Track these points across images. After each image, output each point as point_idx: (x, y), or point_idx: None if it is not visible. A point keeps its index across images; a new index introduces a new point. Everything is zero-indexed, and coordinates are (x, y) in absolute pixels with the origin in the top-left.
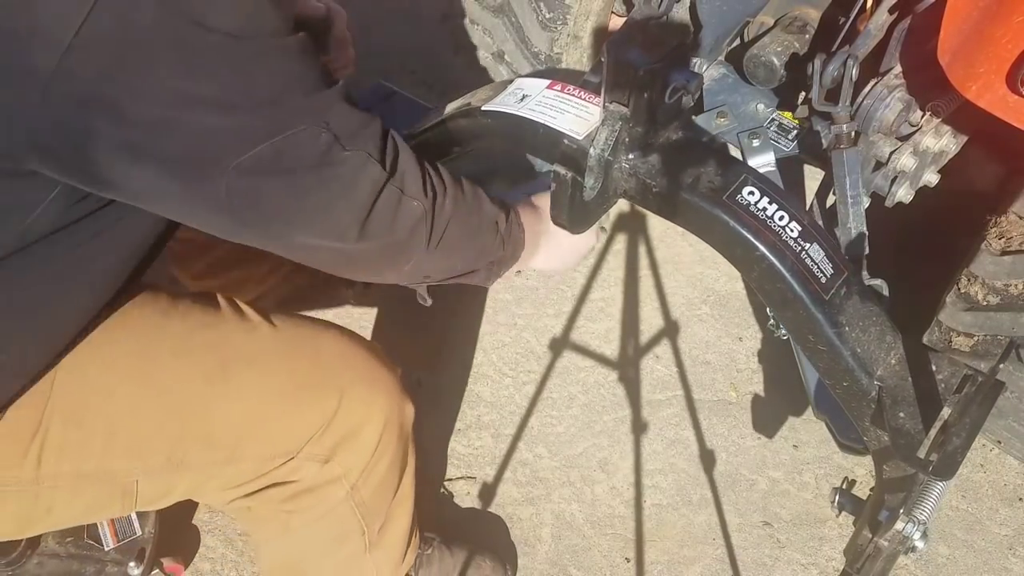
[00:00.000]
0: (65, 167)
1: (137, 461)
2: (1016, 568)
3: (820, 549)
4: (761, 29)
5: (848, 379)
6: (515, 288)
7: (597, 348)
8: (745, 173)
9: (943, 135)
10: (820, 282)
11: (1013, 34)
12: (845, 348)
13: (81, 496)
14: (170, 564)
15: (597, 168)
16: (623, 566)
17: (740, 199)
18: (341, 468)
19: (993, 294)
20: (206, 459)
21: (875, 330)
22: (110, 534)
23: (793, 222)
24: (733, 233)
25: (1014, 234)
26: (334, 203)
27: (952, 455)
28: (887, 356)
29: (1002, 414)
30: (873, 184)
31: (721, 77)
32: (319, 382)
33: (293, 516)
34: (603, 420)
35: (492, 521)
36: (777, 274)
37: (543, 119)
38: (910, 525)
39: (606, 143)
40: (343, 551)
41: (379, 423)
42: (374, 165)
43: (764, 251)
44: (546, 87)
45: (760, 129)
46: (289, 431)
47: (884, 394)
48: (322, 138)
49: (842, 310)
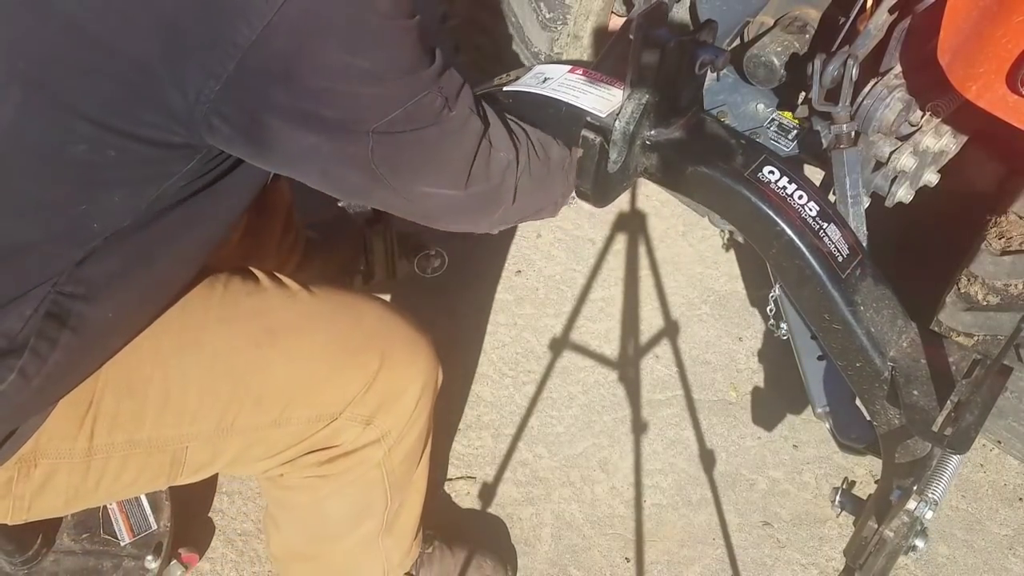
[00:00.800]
0: (234, 133)
1: (189, 427)
2: (1016, 568)
3: (820, 549)
4: (761, 29)
5: (861, 359)
6: (515, 288)
7: (597, 348)
8: (766, 153)
9: (943, 135)
10: (837, 261)
11: (1013, 34)
12: (860, 327)
13: (131, 467)
14: (186, 554)
15: (621, 141)
16: (623, 566)
17: (762, 176)
18: (380, 430)
19: (993, 294)
20: (255, 422)
21: (888, 312)
22: (125, 529)
23: (812, 202)
24: (755, 209)
25: (1014, 234)
26: (450, 153)
27: (966, 430)
28: (899, 338)
29: (1002, 414)
30: (873, 184)
31: (721, 77)
32: (361, 344)
33: (326, 482)
34: (603, 420)
35: (492, 521)
36: (796, 251)
37: (567, 98)
38: (922, 504)
39: (632, 116)
40: (361, 529)
41: (418, 385)
42: (475, 119)
43: (784, 227)
44: (568, 71)
45: (760, 129)
46: (334, 392)
47: (897, 373)
48: (438, 101)
49: (857, 290)
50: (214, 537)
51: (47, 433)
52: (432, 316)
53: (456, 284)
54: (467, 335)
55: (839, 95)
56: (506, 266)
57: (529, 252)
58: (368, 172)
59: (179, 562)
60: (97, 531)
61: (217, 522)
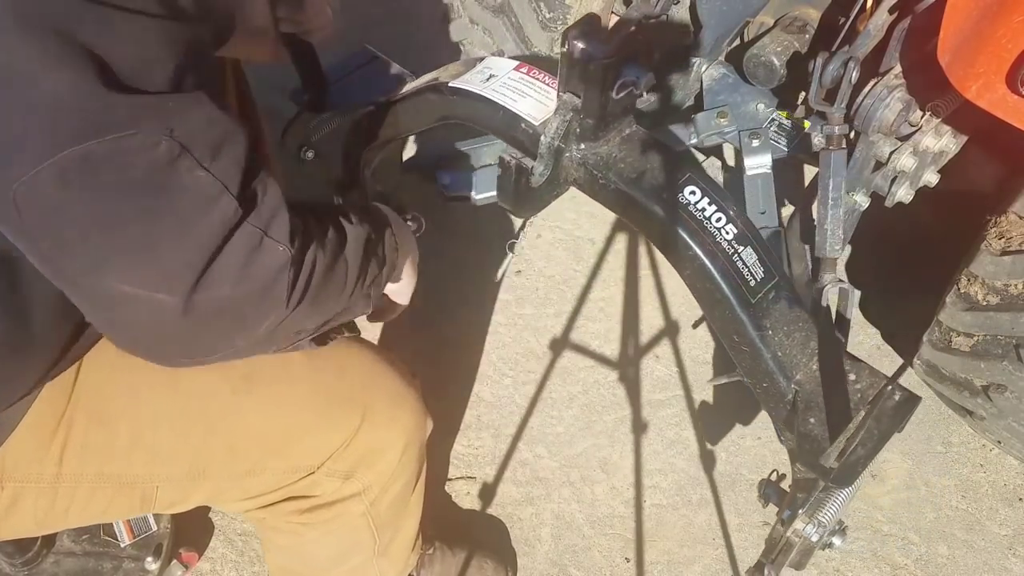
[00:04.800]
0: None
1: (159, 468)
2: (1016, 568)
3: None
4: (761, 29)
5: (767, 380)
6: (515, 288)
7: (597, 348)
8: (690, 173)
9: (943, 135)
10: (749, 285)
11: (1013, 34)
12: (767, 350)
13: (100, 498)
14: (185, 554)
15: (547, 155)
16: (623, 566)
17: (681, 198)
18: (361, 484)
19: (993, 294)
20: (228, 470)
21: (799, 335)
22: (125, 531)
23: (730, 224)
24: (670, 231)
25: (1014, 234)
26: (162, 239)
27: (853, 465)
28: (808, 362)
29: (1002, 414)
30: (873, 184)
31: (721, 77)
32: (344, 398)
33: (308, 528)
34: (603, 420)
35: (492, 521)
36: (707, 274)
37: (504, 101)
38: (810, 527)
39: (556, 132)
40: (353, 560)
41: (401, 442)
42: (227, 196)
43: (697, 251)
44: (513, 68)
45: (760, 129)
46: (312, 445)
47: (799, 399)
48: (161, 149)
49: (768, 314)
50: (213, 537)
51: (12, 454)
52: (432, 316)
53: (456, 284)
54: (467, 335)
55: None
56: (506, 266)
57: (529, 252)
58: (24, 236)
59: (179, 562)
60: (97, 532)
61: (217, 522)
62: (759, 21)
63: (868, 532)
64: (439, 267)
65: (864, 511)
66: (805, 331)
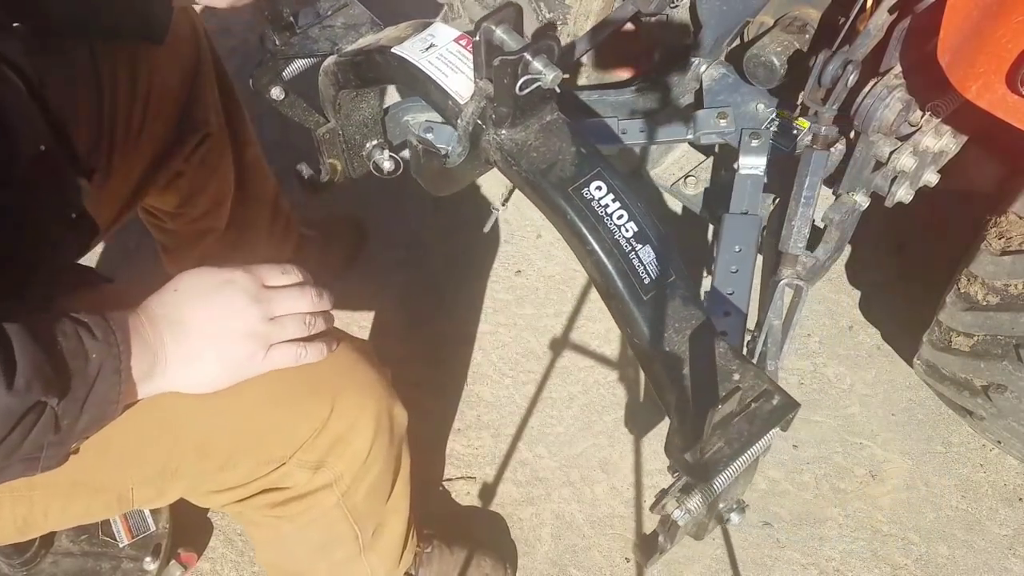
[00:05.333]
0: None
1: (131, 472)
2: (1016, 568)
3: (820, 549)
4: (761, 29)
5: (653, 372)
6: (515, 288)
7: (597, 348)
8: (600, 168)
9: (943, 135)
10: (643, 283)
11: (1013, 34)
12: (656, 345)
13: (76, 503)
14: (184, 554)
15: (464, 137)
16: (623, 566)
17: (586, 193)
18: (332, 475)
19: (993, 294)
20: (200, 468)
21: (691, 333)
22: (124, 531)
23: (631, 222)
24: (571, 224)
25: (1014, 234)
26: None
27: (713, 463)
28: (695, 360)
29: (1002, 414)
30: (873, 184)
31: (721, 77)
32: (311, 389)
33: (284, 522)
34: (603, 420)
35: (492, 521)
36: (603, 268)
37: (436, 75)
38: (678, 511)
39: (472, 116)
40: (337, 554)
41: (370, 429)
42: None
43: (595, 246)
44: (453, 39)
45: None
46: (281, 439)
47: (682, 392)
48: None
49: (660, 310)
50: (213, 537)
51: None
52: (431, 316)
53: (456, 284)
54: (467, 335)
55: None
56: (506, 266)
57: (529, 252)
58: None
59: (178, 562)
60: (96, 533)
61: (216, 522)
62: (759, 21)
63: (868, 532)
64: (438, 267)
65: (864, 511)
66: (696, 329)
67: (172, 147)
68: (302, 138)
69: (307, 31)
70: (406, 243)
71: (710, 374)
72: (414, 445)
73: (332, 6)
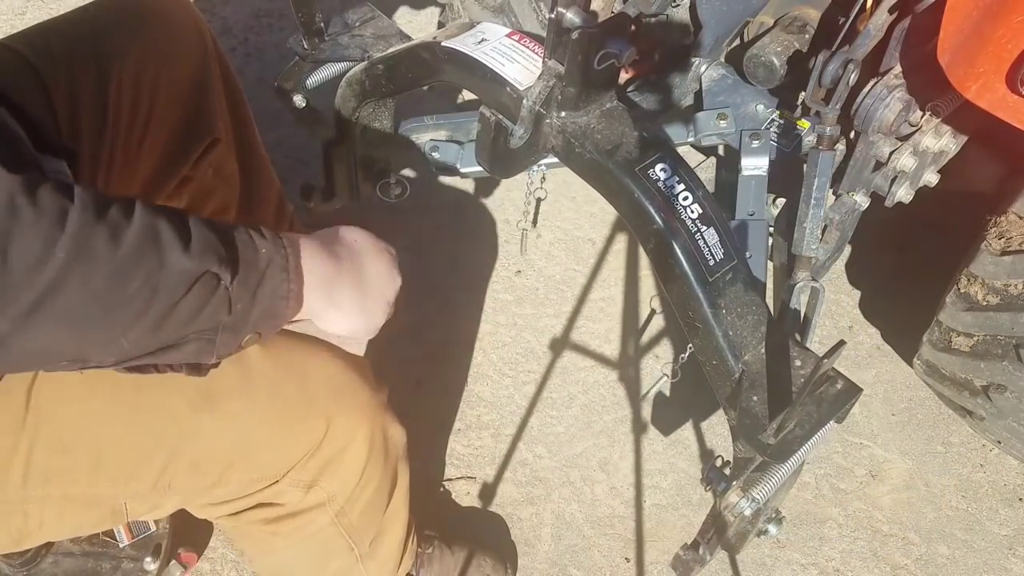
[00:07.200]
0: None
1: (124, 487)
2: (1016, 568)
3: (820, 549)
4: (761, 29)
5: (717, 358)
6: (515, 288)
7: (597, 348)
8: (663, 151)
9: (943, 135)
10: (708, 264)
11: (1013, 34)
12: (719, 328)
13: (70, 516)
14: (185, 554)
15: (528, 119)
16: (623, 566)
17: (652, 173)
18: (325, 494)
19: (993, 294)
20: (192, 484)
21: (752, 318)
22: (124, 531)
23: (696, 204)
24: (638, 204)
25: (1014, 234)
26: None
27: (790, 443)
28: (757, 344)
29: (1002, 414)
30: (873, 184)
31: (721, 77)
32: (306, 410)
33: (278, 538)
34: (603, 420)
35: (492, 521)
36: (670, 249)
37: (493, 64)
38: (744, 501)
39: (539, 96)
40: (332, 566)
41: (363, 451)
42: None
43: (662, 225)
44: (505, 35)
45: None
46: (275, 457)
47: (745, 378)
48: None
49: (723, 294)
50: (213, 537)
51: None
52: (432, 316)
53: (456, 284)
54: (467, 335)
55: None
56: (506, 266)
57: (529, 252)
58: None
59: (178, 562)
60: (96, 533)
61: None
62: (759, 21)
63: (868, 532)
64: (439, 266)
65: (864, 511)
66: (757, 315)
67: (179, 153)
68: (302, 139)
69: (336, 38)
70: (406, 244)
71: (780, 358)
72: (414, 445)
73: (360, 18)
